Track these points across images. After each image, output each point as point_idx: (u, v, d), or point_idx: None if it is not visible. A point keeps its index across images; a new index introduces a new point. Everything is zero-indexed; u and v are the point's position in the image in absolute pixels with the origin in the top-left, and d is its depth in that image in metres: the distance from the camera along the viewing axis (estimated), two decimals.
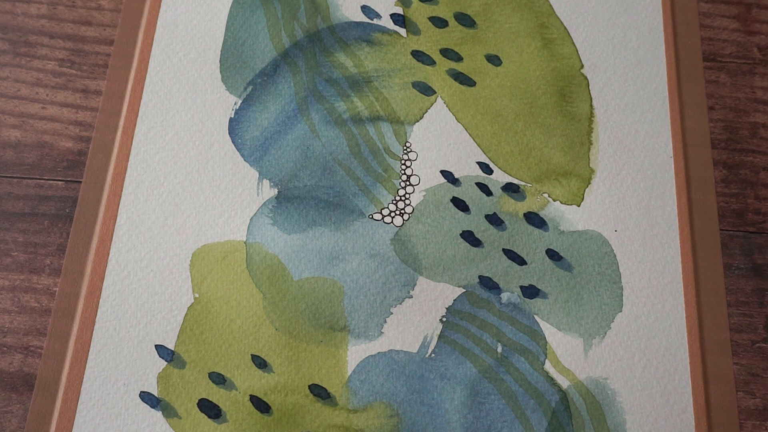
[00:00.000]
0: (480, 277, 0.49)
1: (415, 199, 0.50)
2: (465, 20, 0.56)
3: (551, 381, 0.46)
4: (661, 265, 0.49)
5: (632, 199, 0.51)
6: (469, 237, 0.50)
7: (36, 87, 0.53)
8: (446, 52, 0.55)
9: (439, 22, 0.56)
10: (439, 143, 0.52)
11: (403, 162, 0.51)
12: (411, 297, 0.48)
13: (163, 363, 0.46)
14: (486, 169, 0.51)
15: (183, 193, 0.50)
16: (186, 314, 0.47)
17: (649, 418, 0.46)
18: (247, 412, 0.45)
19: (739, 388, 0.47)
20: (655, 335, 0.48)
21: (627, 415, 0.46)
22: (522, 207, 0.50)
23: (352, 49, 0.54)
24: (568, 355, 0.47)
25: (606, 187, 0.51)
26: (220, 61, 0.54)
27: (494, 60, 0.55)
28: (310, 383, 0.46)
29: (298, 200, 0.50)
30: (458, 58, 0.55)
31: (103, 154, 0.51)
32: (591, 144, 0.52)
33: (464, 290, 0.48)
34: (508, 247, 0.49)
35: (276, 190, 0.50)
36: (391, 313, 0.47)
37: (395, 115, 0.53)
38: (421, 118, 0.53)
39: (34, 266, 0.49)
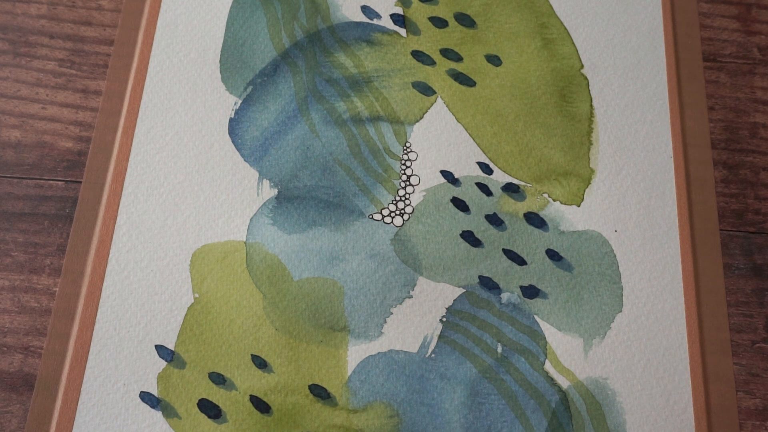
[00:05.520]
0: (480, 277, 0.49)
1: (415, 199, 0.50)
2: (465, 20, 0.56)
3: (551, 381, 0.46)
4: (661, 265, 0.49)
5: (632, 199, 0.51)
6: (469, 237, 0.50)
7: (36, 87, 0.53)
8: (446, 52, 0.55)
9: (439, 22, 0.56)
10: (439, 143, 0.52)
11: (403, 162, 0.51)
12: (411, 297, 0.48)
13: (163, 363, 0.46)
14: (486, 169, 0.51)
15: (183, 193, 0.50)
16: (186, 314, 0.47)
17: (649, 418, 0.46)
18: (247, 412, 0.45)
19: (739, 388, 0.47)
20: (655, 335, 0.48)
21: (627, 415, 0.46)
22: (522, 207, 0.50)
23: (352, 49, 0.54)
24: (568, 355, 0.47)
25: (606, 187, 0.51)
26: (220, 61, 0.54)
27: (494, 60, 0.55)
28: (310, 383, 0.46)
29: (298, 200, 0.50)
30: (458, 58, 0.55)
31: (103, 154, 0.51)
32: (591, 144, 0.52)
33: (464, 290, 0.48)
34: (508, 247, 0.49)
35: (276, 190, 0.50)
36: (391, 313, 0.47)
37: (395, 115, 0.53)
38: (421, 118, 0.53)
39: (34, 266, 0.49)
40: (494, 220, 0.50)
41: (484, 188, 0.51)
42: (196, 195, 0.50)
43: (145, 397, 0.45)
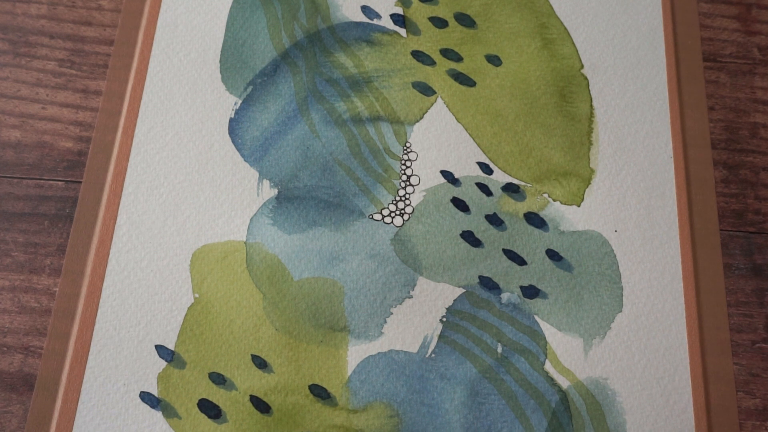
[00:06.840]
0: (480, 277, 0.49)
1: (415, 199, 0.50)
2: (465, 20, 0.56)
3: (551, 381, 0.46)
4: (661, 265, 0.49)
5: (632, 199, 0.51)
6: (469, 237, 0.50)
7: (36, 87, 0.53)
8: (446, 52, 0.55)
9: (439, 23, 0.56)
10: (439, 143, 0.52)
11: (403, 162, 0.51)
12: (411, 297, 0.48)
13: (163, 363, 0.46)
14: (486, 169, 0.51)
15: (183, 193, 0.50)
16: (186, 314, 0.47)
17: (649, 418, 0.46)
18: (247, 413, 0.45)
19: (739, 388, 0.47)
20: (655, 335, 0.48)
21: (627, 415, 0.46)
22: (522, 207, 0.51)
23: (352, 49, 0.54)
24: (568, 355, 0.47)
25: (606, 187, 0.51)
26: (220, 61, 0.54)
27: (494, 60, 0.55)
28: (310, 383, 0.46)
29: (298, 200, 0.50)
30: (458, 58, 0.55)
31: (103, 155, 0.51)
32: (591, 144, 0.52)
33: (464, 290, 0.48)
34: (508, 247, 0.49)
35: (276, 190, 0.50)
36: (391, 313, 0.47)
37: (395, 115, 0.53)
38: (421, 118, 0.53)
39: (34, 266, 0.49)
40: (494, 220, 0.50)
41: (484, 188, 0.51)
42: (196, 195, 0.50)
43: (145, 397, 0.45)
